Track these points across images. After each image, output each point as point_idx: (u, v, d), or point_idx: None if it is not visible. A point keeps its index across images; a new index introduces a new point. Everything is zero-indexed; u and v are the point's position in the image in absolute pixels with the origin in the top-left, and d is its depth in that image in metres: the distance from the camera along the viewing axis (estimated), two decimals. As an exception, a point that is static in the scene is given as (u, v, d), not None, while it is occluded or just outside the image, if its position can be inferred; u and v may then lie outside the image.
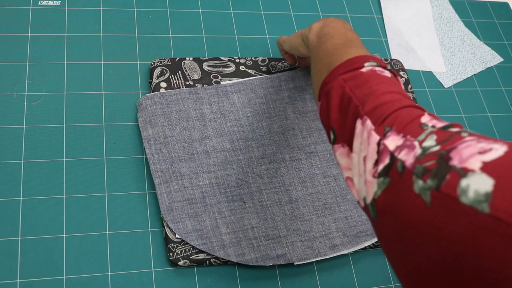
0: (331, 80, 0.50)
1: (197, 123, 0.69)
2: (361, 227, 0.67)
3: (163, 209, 0.62)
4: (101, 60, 0.73)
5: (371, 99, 0.46)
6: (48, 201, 0.62)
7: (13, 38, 0.72)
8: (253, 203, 0.65)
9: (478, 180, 0.32)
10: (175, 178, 0.64)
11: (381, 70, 0.50)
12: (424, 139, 0.39)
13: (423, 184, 0.36)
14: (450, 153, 0.36)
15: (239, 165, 0.67)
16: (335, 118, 0.49)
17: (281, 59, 0.78)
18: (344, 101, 0.48)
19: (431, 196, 0.35)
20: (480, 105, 0.85)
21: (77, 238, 0.61)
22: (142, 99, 0.68)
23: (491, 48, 0.91)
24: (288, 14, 0.85)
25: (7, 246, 0.59)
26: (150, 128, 0.67)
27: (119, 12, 0.78)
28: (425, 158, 0.37)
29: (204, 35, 0.79)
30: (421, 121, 0.42)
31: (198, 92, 0.71)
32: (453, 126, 0.41)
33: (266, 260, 0.62)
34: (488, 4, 0.97)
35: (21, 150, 0.64)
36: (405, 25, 0.90)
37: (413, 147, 0.39)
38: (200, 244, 0.61)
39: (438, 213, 0.34)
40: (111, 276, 0.59)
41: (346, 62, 0.51)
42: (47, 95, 0.69)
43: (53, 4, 0.76)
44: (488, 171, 0.32)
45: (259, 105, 0.72)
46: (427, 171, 0.36)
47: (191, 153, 0.67)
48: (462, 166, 0.34)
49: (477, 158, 0.34)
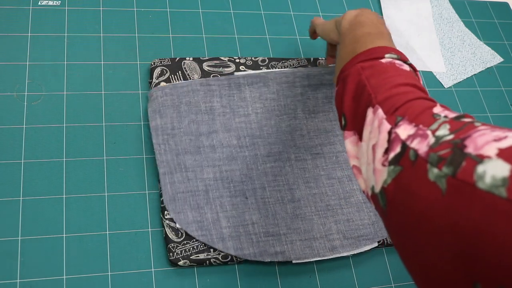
0: (350, 67, 0.51)
1: (205, 117, 0.69)
2: (362, 231, 0.66)
3: (166, 199, 0.63)
4: (101, 60, 0.73)
5: (384, 89, 0.46)
6: (48, 201, 0.62)
7: (13, 38, 0.72)
8: (256, 200, 0.66)
9: (494, 166, 0.32)
10: (180, 170, 0.65)
11: (400, 64, 0.50)
12: (437, 128, 0.39)
13: (438, 172, 0.35)
14: (465, 141, 0.36)
15: (244, 162, 0.68)
16: (348, 104, 0.49)
17: (281, 59, 0.78)
18: (359, 89, 0.48)
19: (447, 184, 0.34)
20: (480, 105, 0.85)
21: (77, 238, 0.61)
22: (153, 90, 0.69)
23: (491, 48, 0.91)
24: (288, 14, 0.85)
25: (7, 246, 0.59)
26: (159, 119, 0.67)
27: (119, 12, 0.78)
28: (439, 146, 0.37)
29: (204, 35, 0.79)
30: (434, 112, 0.42)
31: (210, 83, 0.71)
32: (466, 116, 0.41)
33: (264, 256, 0.62)
34: (488, 4, 0.97)
35: (21, 150, 0.64)
36: (405, 25, 0.90)
37: (426, 136, 0.39)
38: (199, 235, 0.62)
39: (455, 200, 0.34)
40: (111, 276, 0.59)
41: (367, 51, 0.51)
42: (47, 95, 0.69)
43: (53, 4, 0.76)
44: (505, 157, 0.32)
45: (269, 101, 0.72)
46: (442, 159, 0.36)
47: (197, 146, 0.67)
48: (477, 153, 0.34)
49: (493, 145, 0.34)
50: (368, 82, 0.48)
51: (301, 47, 0.82)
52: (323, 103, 0.74)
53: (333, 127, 0.73)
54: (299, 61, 0.78)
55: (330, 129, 0.73)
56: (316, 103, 0.74)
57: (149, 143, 0.68)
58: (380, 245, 0.67)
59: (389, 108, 0.44)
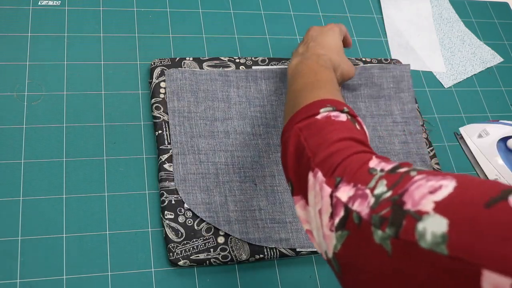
0: (289, 129, 0.50)
1: (222, 104, 0.71)
2: None
3: (177, 178, 0.65)
4: (101, 60, 0.73)
5: (322, 149, 0.46)
6: (48, 201, 0.62)
7: (13, 38, 0.72)
8: (264, 187, 0.67)
9: (433, 222, 0.32)
10: (193, 152, 0.67)
11: (336, 115, 0.49)
12: (375, 185, 0.39)
13: (382, 234, 0.36)
14: (403, 197, 0.36)
15: (256, 149, 0.70)
16: (292, 169, 0.49)
17: (281, 59, 0.78)
18: (299, 151, 0.48)
19: (392, 245, 0.35)
20: (480, 105, 0.85)
21: (77, 238, 0.61)
22: (172, 70, 0.71)
23: (491, 48, 0.91)
24: (288, 14, 0.85)
25: (7, 246, 0.59)
26: (176, 101, 0.69)
27: (119, 12, 0.78)
28: (379, 206, 0.37)
29: (204, 35, 0.79)
30: (370, 166, 0.42)
31: (228, 75, 0.74)
32: (401, 166, 0.41)
33: (268, 242, 0.63)
34: (488, 4, 0.97)
35: (21, 150, 0.64)
36: (405, 25, 0.90)
37: (366, 196, 0.39)
38: (206, 216, 0.63)
39: (401, 261, 0.34)
40: (111, 276, 0.59)
41: (303, 109, 0.50)
42: (47, 95, 0.69)
43: (53, 4, 0.76)
44: (441, 211, 0.33)
45: (285, 95, 0.74)
46: (384, 219, 0.36)
47: (211, 131, 0.69)
48: (416, 209, 0.34)
49: (429, 198, 0.34)
50: (306, 144, 0.47)
51: (301, 47, 0.82)
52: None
53: None
54: (299, 61, 0.79)
55: None
56: None
57: (149, 143, 0.68)
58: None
59: (328, 169, 0.44)
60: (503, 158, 0.76)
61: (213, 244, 0.62)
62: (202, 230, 0.63)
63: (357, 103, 0.76)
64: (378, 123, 0.76)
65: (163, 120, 0.68)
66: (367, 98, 0.77)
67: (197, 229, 0.63)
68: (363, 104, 0.77)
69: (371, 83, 0.78)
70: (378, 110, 0.77)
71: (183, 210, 0.63)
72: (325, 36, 0.67)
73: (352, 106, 0.76)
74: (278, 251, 0.63)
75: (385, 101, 0.77)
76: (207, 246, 0.62)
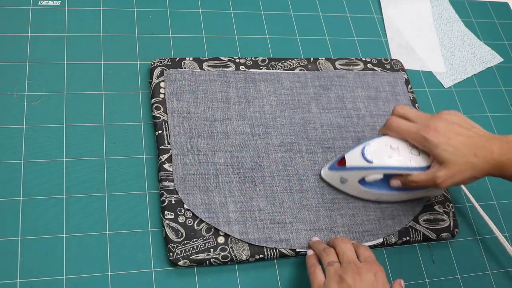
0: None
1: (221, 104, 0.71)
2: (367, 226, 0.67)
3: (176, 179, 0.65)
4: (101, 60, 0.73)
5: None
6: (48, 201, 0.62)
7: (13, 38, 0.72)
8: (264, 187, 0.67)
9: None
10: (192, 152, 0.67)
11: None
12: None
13: None
14: None
15: (256, 149, 0.69)
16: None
17: (281, 59, 0.78)
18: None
19: None
20: (480, 105, 0.85)
21: (77, 238, 0.61)
22: (171, 71, 0.71)
23: (491, 48, 0.91)
24: (288, 14, 0.85)
25: (7, 246, 0.59)
26: (175, 101, 0.70)
27: (119, 12, 0.78)
28: None
29: (204, 35, 0.79)
30: None
31: (227, 75, 0.74)
32: None
33: (268, 242, 0.63)
34: (488, 4, 0.97)
35: (21, 150, 0.64)
36: (405, 25, 0.90)
37: None
38: (206, 217, 0.63)
39: None
40: (111, 276, 0.59)
41: None
42: (47, 95, 0.69)
43: (53, 4, 0.76)
44: None
45: (284, 96, 0.74)
46: None
47: (211, 131, 0.69)
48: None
49: None
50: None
51: (301, 47, 0.82)
52: (336, 101, 0.76)
53: (346, 123, 0.74)
54: (299, 61, 0.79)
55: (343, 124, 0.74)
56: (329, 101, 0.76)
57: (149, 143, 0.68)
58: (380, 245, 0.67)
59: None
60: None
61: (213, 244, 0.62)
62: (202, 230, 0.63)
63: (356, 103, 0.77)
64: (377, 122, 0.76)
65: (163, 120, 0.68)
66: (365, 99, 0.77)
67: (197, 229, 0.63)
68: (362, 104, 0.77)
69: (367, 86, 0.79)
70: (377, 110, 0.77)
71: (183, 210, 0.63)
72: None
73: (352, 106, 0.76)
74: (278, 251, 0.64)
75: (383, 102, 0.78)
76: (207, 246, 0.62)
